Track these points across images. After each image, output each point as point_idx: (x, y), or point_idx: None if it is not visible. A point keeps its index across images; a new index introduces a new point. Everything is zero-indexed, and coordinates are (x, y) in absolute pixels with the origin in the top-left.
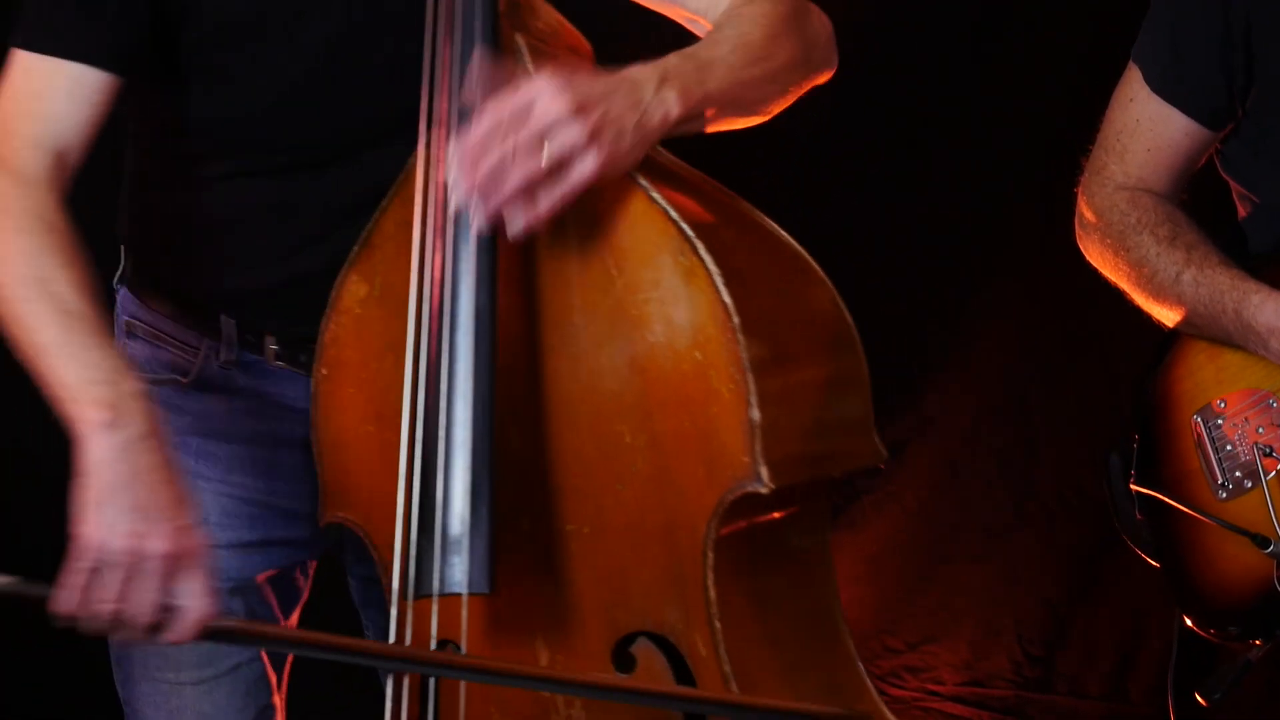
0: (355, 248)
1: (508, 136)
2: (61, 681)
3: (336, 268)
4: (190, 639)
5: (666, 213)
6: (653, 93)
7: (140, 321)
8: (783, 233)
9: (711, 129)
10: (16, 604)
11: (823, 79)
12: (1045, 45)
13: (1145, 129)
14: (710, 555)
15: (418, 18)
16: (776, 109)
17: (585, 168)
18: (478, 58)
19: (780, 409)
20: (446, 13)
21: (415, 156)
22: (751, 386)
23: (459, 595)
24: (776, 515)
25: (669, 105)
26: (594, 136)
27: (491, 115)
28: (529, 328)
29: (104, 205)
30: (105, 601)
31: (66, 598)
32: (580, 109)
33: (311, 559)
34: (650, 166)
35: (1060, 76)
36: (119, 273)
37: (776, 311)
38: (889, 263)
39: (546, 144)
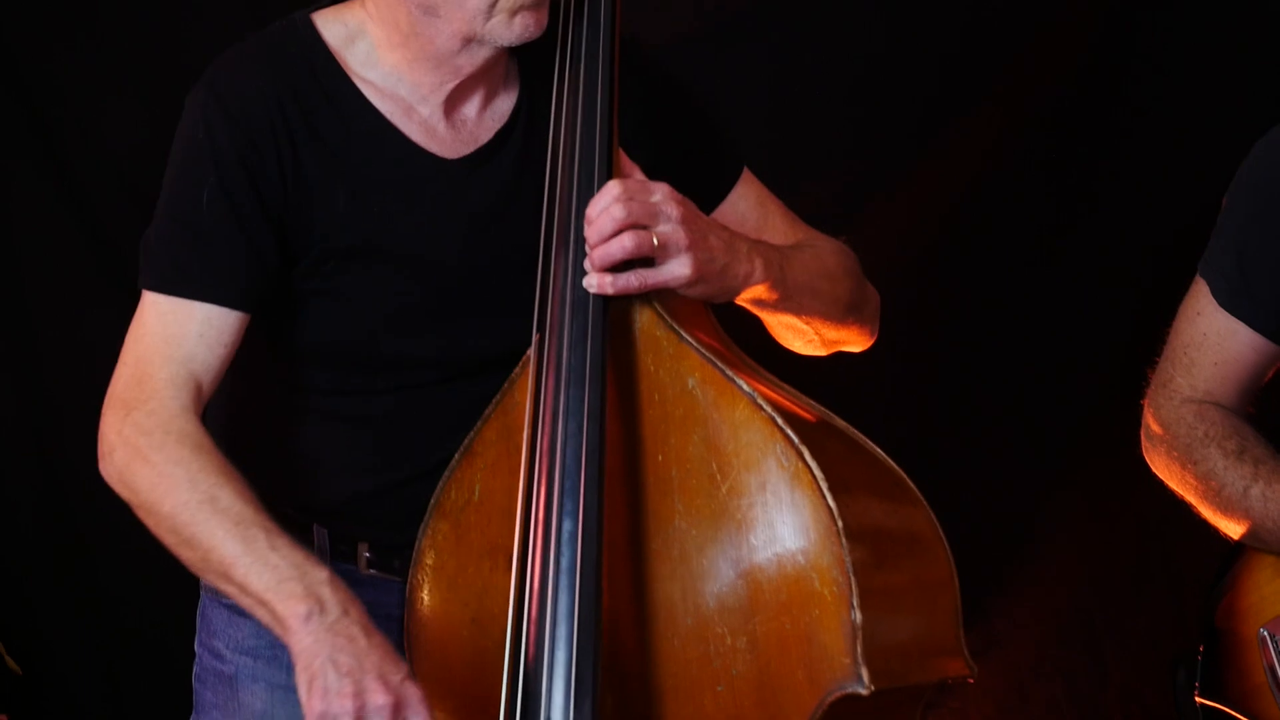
0: (457, 455)
1: (631, 202)
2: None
3: (434, 474)
4: None
5: (773, 419)
6: (745, 251)
7: None
8: (878, 449)
9: (771, 315)
10: None
11: (860, 340)
12: (1111, 257)
13: (1212, 343)
14: None
15: (529, 255)
16: (824, 334)
17: (680, 269)
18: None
19: (880, 612)
20: (560, 245)
21: (520, 367)
22: (854, 588)
23: None
24: None
25: (755, 268)
26: (693, 247)
27: (620, 184)
28: (632, 532)
29: None
30: None
31: None
32: (689, 222)
33: None
34: (753, 374)
35: (1126, 290)
36: None
37: (876, 520)
38: (953, 483)
39: (657, 227)
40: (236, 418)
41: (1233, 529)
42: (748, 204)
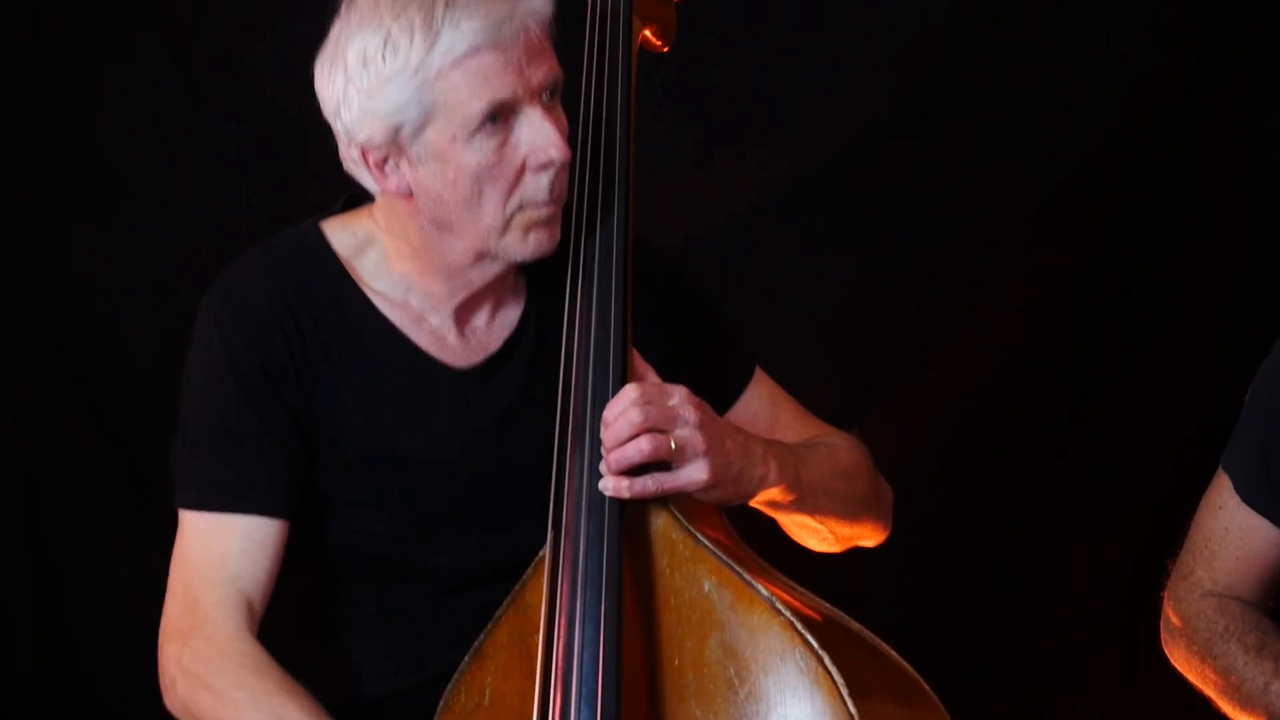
0: (467, 657)
1: (648, 406)
2: None
3: (444, 679)
4: None
5: (792, 624)
6: (761, 455)
7: None
8: (895, 654)
9: (785, 515)
10: None
11: (874, 536)
12: (1132, 448)
13: (1234, 537)
14: None
15: (539, 461)
16: (838, 532)
17: (697, 473)
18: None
19: None
20: (575, 446)
21: (533, 568)
22: None
23: None
24: None
25: (770, 471)
26: (710, 452)
27: (638, 388)
28: None
29: None
30: None
31: None
32: (706, 426)
33: None
34: (767, 576)
35: (1146, 481)
36: None
37: None
38: (964, 684)
39: (674, 431)
40: None
41: None
42: (760, 404)
